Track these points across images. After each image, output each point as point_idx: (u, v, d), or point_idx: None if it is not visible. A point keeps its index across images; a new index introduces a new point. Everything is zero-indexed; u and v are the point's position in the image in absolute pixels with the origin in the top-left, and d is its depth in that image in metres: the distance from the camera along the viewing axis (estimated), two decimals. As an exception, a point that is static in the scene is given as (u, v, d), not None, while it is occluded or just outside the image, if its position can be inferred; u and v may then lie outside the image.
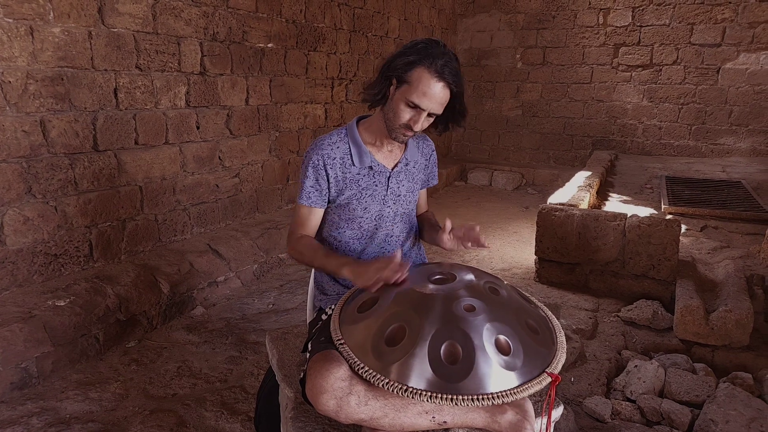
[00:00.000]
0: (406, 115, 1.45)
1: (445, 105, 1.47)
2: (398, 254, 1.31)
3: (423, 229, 1.78)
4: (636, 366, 2.38)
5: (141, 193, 3.18)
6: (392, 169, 1.60)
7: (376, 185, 1.58)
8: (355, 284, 1.39)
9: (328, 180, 1.56)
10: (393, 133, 1.51)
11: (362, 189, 1.57)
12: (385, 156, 1.60)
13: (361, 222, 1.60)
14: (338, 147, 1.56)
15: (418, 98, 1.42)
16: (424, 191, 1.82)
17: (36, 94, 2.55)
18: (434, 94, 1.42)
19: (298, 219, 1.62)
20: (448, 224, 1.53)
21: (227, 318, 3.06)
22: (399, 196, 1.62)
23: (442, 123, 1.56)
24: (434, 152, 1.77)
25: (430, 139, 1.76)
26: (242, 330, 2.90)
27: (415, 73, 1.41)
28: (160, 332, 2.88)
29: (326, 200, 1.59)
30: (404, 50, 1.46)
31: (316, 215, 1.61)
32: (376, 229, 1.61)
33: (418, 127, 1.46)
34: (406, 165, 1.64)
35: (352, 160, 1.56)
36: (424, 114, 1.45)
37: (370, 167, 1.57)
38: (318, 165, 1.55)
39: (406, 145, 1.64)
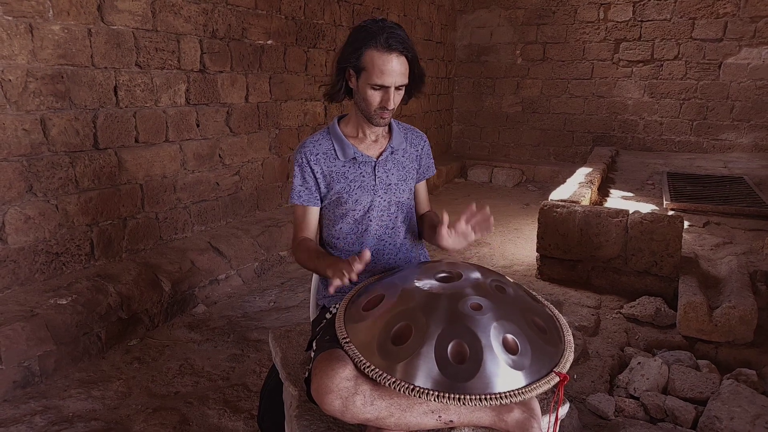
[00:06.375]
0: (376, 98, 1.49)
1: (407, 73, 1.49)
2: (367, 253, 1.33)
3: (423, 229, 1.75)
4: (639, 363, 2.38)
5: (142, 192, 3.17)
6: (377, 158, 1.62)
7: (364, 176, 1.60)
8: (332, 280, 1.35)
9: (314, 177, 1.59)
10: (372, 120, 1.54)
11: (350, 181, 1.59)
12: (369, 146, 1.63)
13: (354, 215, 1.60)
14: (321, 144, 1.61)
15: (379, 78, 1.45)
16: (423, 189, 1.80)
17: (36, 92, 2.54)
18: (392, 68, 1.44)
19: (295, 221, 1.66)
20: (446, 217, 1.43)
21: (229, 316, 3.05)
22: (389, 185, 1.63)
23: (406, 93, 1.57)
24: (426, 143, 1.77)
25: (419, 131, 1.77)
26: (244, 328, 2.90)
27: (366, 57, 1.45)
28: (162, 330, 2.88)
29: (318, 198, 1.62)
30: (348, 40, 1.50)
31: (312, 214, 1.64)
32: (370, 220, 1.62)
33: (391, 105, 1.49)
34: (392, 153, 1.65)
35: (336, 155, 1.59)
36: (392, 90, 1.47)
37: (354, 158, 1.59)
38: (303, 163, 1.59)
39: (390, 134, 1.66)
